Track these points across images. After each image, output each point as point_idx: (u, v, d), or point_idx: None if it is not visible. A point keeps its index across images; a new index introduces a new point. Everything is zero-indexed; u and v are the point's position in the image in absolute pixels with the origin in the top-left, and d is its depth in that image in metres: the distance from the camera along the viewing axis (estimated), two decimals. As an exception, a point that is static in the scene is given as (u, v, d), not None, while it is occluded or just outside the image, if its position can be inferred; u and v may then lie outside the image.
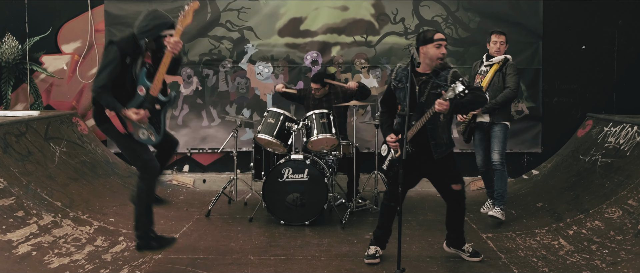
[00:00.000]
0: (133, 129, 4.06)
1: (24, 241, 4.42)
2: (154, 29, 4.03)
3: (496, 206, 5.58)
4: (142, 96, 4.01)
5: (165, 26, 4.08)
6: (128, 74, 3.97)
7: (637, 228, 4.58)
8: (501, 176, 5.58)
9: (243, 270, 4.29)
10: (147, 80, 3.99)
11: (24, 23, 7.37)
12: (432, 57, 4.18)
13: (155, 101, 4.05)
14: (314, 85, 6.30)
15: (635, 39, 7.26)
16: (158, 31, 4.04)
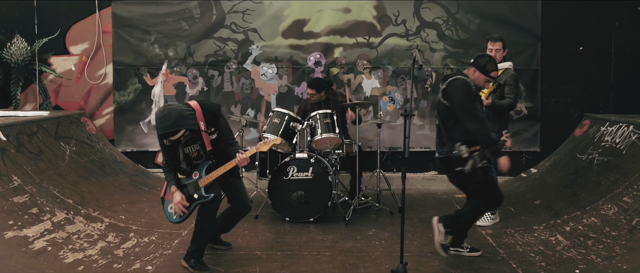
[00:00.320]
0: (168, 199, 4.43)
1: (39, 237, 4.58)
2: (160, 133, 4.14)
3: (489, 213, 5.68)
4: (193, 179, 4.33)
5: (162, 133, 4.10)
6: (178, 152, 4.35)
7: (631, 224, 4.73)
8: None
9: (251, 265, 4.45)
10: (205, 172, 4.31)
11: (33, 25, 7.53)
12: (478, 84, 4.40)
13: (198, 190, 4.31)
14: (310, 90, 6.42)
15: (632, 40, 7.42)
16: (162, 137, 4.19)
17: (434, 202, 6.70)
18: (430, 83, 7.45)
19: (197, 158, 4.38)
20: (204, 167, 4.34)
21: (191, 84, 7.54)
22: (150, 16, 7.47)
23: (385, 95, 7.51)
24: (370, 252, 4.79)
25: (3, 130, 5.41)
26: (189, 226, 5.51)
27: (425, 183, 7.55)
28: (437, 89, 7.29)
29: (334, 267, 4.42)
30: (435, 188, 7.48)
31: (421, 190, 7.34)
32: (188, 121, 4.09)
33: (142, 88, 7.54)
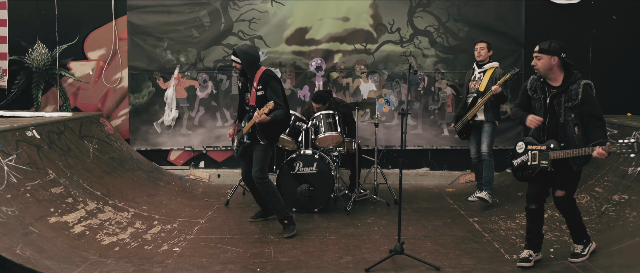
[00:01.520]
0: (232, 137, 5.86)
1: (77, 222, 5.16)
2: None
3: (484, 190, 6.42)
4: (242, 126, 5.59)
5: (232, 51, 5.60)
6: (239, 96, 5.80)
7: (601, 210, 5.37)
8: (489, 166, 6.52)
9: (266, 247, 5.04)
10: (246, 121, 5.55)
11: (54, 32, 8.08)
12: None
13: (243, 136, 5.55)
14: (316, 105, 6.97)
15: (608, 46, 8.07)
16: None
17: (426, 195, 7.31)
18: (423, 86, 8.06)
19: (247, 104, 5.54)
20: (247, 118, 5.51)
21: (201, 88, 8.12)
22: (163, 24, 8.04)
23: (381, 97, 8.11)
24: (370, 236, 5.40)
25: (37, 129, 5.98)
26: (206, 216, 6.10)
27: (418, 179, 8.16)
28: (429, 91, 7.96)
29: (339, 248, 5.02)
30: (427, 183, 8.08)
31: (414, 185, 7.95)
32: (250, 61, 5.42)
33: (156, 91, 8.11)
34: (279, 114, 5.31)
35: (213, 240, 5.21)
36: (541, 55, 4.42)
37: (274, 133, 5.50)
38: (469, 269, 4.47)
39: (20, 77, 8.13)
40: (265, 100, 5.34)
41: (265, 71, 5.46)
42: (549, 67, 4.43)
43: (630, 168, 5.62)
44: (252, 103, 5.44)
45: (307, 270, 4.43)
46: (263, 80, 5.39)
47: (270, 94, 5.35)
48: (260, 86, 5.40)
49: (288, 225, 5.43)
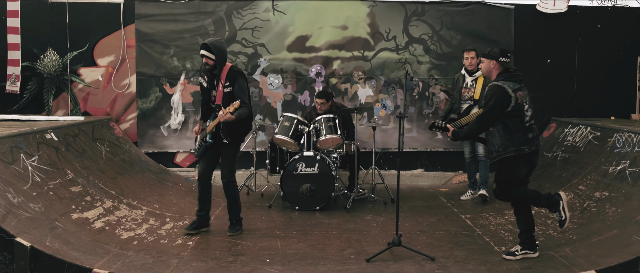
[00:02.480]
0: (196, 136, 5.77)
1: (97, 219, 5.53)
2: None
3: (482, 188, 6.86)
4: (206, 125, 5.55)
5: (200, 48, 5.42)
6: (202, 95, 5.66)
7: (583, 206, 5.79)
8: (485, 166, 7.08)
9: (273, 240, 5.42)
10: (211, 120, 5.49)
11: (65, 39, 8.44)
12: None
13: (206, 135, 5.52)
14: (320, 99, 7.38)
15: (592, 53, 8.52)
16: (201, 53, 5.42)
17: (421, 195, 7.71)
18: (418, 92, 8.47)
19: (213, 102, 5.45)
20: (212, 117, 5.45)
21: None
22: (169, 32, 8.42)
23: (378, 102, 8.51)
24: (369, 231, 5.80)
25: (54, 132, 6.34)
26: (214, 214, 6.47)
27: (413, 179, 8.56)
28: (424, 96, 8.37)
29: (341, 241, 5.41)
30: (422, 183, 8.49)
31: (410, 185, 8.35)
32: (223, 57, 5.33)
33: (163, 96, 8.48)
34: (243, 113, 5.27)
35: (223, 235, 5.59)
36: (483, 59, 4.93)
37: (239, 132, 5.49)
38: (461, 259, 4.87)
39: (32, 82, 8.48)
40: (232, 97, 5.31)
41: (231, 67, 5.45)
42: (488, 70, 4.90)
43: (611, 168, 6.04)
44: (219, 101, 5.36)
45: (313, 260, 4.82)
46: (231, 76, 5.35)
47: (238, 91, 5.32)
48: (227, 82, 5.33)
49: (236, 225, 5.68)
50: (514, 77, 4.79)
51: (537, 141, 4.83)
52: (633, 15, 8.52)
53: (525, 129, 4.74)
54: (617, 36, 8.54)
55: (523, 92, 4.78)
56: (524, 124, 4.75)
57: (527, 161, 4.82)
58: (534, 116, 4.87)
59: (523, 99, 4.75)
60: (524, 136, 4.73)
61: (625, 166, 5.84)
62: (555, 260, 4.74)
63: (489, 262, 4.79)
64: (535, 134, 4.82)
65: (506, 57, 4.84)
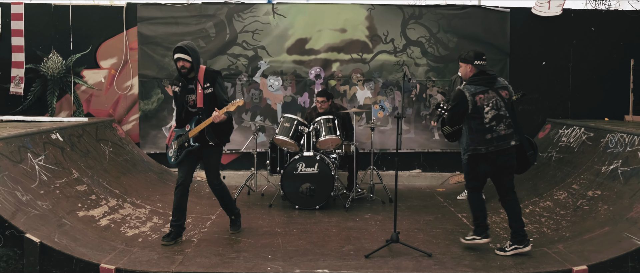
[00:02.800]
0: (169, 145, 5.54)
1: (102, 217, 5.67)
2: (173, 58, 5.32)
3: None
4: (186, 131, 5.36)
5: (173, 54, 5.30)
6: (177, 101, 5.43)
7: (576, 204, 5.95)
8: None
9: (274, 238, 5.56)
10: (194, 125, 5.31)
11: (69, 42, 8.58)
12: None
13: (188, 140, 5.34)
14: (321, 98, 7.53)
15: (586, 55, 8.68)
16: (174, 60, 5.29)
17: (418, 194, 7.85)
18: (415, 93, 8.62)
19: (193, 106, 5.30)
20: (193, 121, 5.31)
21: (207, 94, 8.63)
22: (171, 35, 8.56)
23: (376, 104, 8.66)
24: (368, 229, 5.94)
25: (60, 132, 6.48)
26: (216, 212, 6.61)
27: (410, 180, 8.71)
28: (421, 98, 8.52)
29: (340, 238, 5.55)
30: (419, 183, 8.64)
31: (407, 185, 8.50)
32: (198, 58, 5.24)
33: (164, 98, 8.61)
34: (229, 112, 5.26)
35: (225, 233, 5.73)
36: (460, 63, 5.21)
37: (225, 132, 5.45)
38: (457, 255, 5.02)
39: (36, 84, 8.62)
40: (214, 98, 5.27)
41: (206, 68, 5.36)
42: (465, 73, 5.18)
43: (603, 167, 6.20)
44: (200, 104, 5.26)
45: (313, 256, 4.96)
46: (209, 77, 5.29)
47: (219, 91, 5.31)
48: (207, 83, 5.25)
49: (236, 221, 5.80)
50: (481, 81, 5.03)
51: (498, 142, 4.96)
52: (626, 18, 8.69)
53: (484, 130, 4.96)
54: (611, 38, 8.70)
55: (487, 95, 4.98)
56: (483, 126, 4.96)
57: (488, 161, 5.02)
58: (498, 118, 4.98)
59: (483, 102, 4.96)
60: (482, 136, 4.96)
61: (617, 165, 5.99)
62: (548, 256, 4.89)
63: (484, 258, 4.94)
64: (495, 136, 4.96)
65: (481, 60, 5.09)
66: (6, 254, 4.54)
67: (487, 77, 5.04)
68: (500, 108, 5.00)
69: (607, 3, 8.76)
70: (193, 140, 5.31)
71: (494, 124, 4.97)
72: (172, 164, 5.51)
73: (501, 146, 4.97)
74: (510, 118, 5.03)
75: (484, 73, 5.06)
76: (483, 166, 5.04)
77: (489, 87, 5.01)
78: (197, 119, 5.30)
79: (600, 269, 4.56)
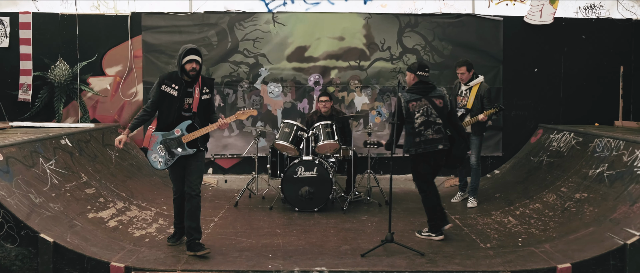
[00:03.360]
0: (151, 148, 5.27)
1: (111, 218, 5.94)
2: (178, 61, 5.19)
3: (471, 197, 7.21)
4: (176, 136, 5.16)
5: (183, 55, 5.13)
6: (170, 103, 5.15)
7: (564, 206, 6.21)
8: (476, 173, 7.34)
9: (275, 238, 5.83)
10: (187, 130, 5.16)
11: (75, 50, 8.86)
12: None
13: (181, 145, 5.16)
14: (324, 97, 7.80)
15: (577, 63, 8.95)
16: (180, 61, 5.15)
17: (413, 197, 8.05)
18: (411, 99, 8.88)
19: (188, 110, 5.15)
20: (184, 126, 5.12)
21: (210, 101, 8.90)
22: (175, 43, 8.83)
23: (373, 109, 8.93)
24: (365, 230, 6.21)
25: (69, 137, 6.75)
26: (219, 215, 6.87)
27: (406, 183, 8.95)
28: (417, 104, 8.76)
29: (338, 239, 5.82)
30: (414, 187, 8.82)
31: (403, 189, 8.75)
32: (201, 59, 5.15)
33: (168, 104, 8.87)
34: None
35: (228, 234, 5.99)
36: (407, 71, 5.90)
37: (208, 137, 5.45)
38: (448, 254, 5.28)
39: (43, 91, 8.90)
40: (209, 104, 5.27)
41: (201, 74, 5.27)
42: (409, 81, 5.90)
43: (590, 171, 6.47)
44: (195, 109, 5.20)
45: (312, 255, 5.23)
46: (208, 83, 5.25)
47: (213, 98, 5.33)
48: (206, 89, 5.23)
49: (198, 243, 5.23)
50: (417, 90, 5.73)
51: (425, 145, 5.66)
52: (616, 26, 8.96)
53: (414, 134, 5.69)
54: (601, 46, 8.97)
55: (419, 102, 5.69)
56: (414, 130, 5.69)
57: (424, 161, 5.74)
58: (427, 124, 5.66)
59: (415, 109, 5.68)
60: (412, 139, 5.71)
61: (603, 169, 6.26)
62: (535, 255, 5.15)
63: (474, 256, 5.20)
64: (423, 139, 5.66)
65: (423, 71, 5.79)
66: (22, 253, 4.80)
67: (423, 87, 5.75)
68: (431, 115, 5.68)
69: (597, 12, 9.02)
70: (186, 146, 5.16)
71: (423, 129, 5.67)
72: (160, 169, 5.29)
73: (428, 149, 5.65)
74: (440, 125, 5.69)
75: (422, 83, 5.76)
76: (423, 165, 5.77)
77: (423, 96, 5.70)
78: (190, 124, 5.17)
79: (584, 267, 4.82)
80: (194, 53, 5.13)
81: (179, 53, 5.19)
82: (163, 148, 5.21)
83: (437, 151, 5.67)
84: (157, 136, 5.24)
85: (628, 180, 5.71)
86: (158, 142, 5.23)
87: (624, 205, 5.43)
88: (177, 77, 5.19)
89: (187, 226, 5.22)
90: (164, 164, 5.25)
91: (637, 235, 4.85)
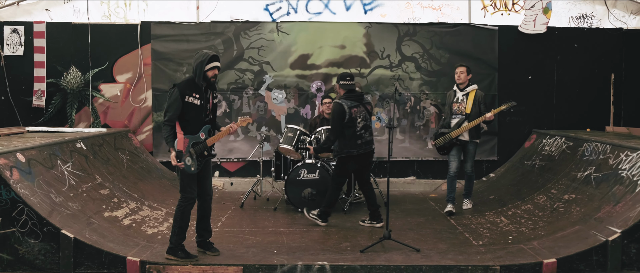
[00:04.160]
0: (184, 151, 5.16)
1: (124, 217, 6.29)
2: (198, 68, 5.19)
3: (466, 199, 7.48)
4: (202, 139, 5.22)
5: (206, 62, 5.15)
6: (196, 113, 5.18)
7: (553, 207, 6.55)
8: (470, 179, 7.53)
9: (279, 236, 6.18)
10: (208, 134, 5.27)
11: (87, 58, 9.24)
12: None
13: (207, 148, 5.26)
14: (327, 100, 8.14)
15: (570, 70, 9.31)
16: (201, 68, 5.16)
17: (412, 200, 8.46)
18: (410, 105, 9.25)
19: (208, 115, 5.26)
20: (206, 130, 5.23)
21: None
22: (182, 51, 9.21)
23: (373, 115, 9.29)
24: (364, 229, 6.57)
25: (83, 141, 7.11)
26: (226, 215, 7.22)
27: (405, 186, 9.32)
28: (416, 110, 9.14)
29: (339, 237, 6.17)
30: (414, 189, 9.25)
31: (402, 191, 9.11)
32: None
33: (176, 110, 9.23)
34: None
35: (235, 232, 6.35)
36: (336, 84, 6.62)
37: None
38: (442, 251, 5.62)
39: (56, 97, 9.27)
40: (216, 109, 5.47)
41: None
42: (337, 90, 6.66)
43: (579, 173, 6.81)
44: (211, 114, 5.38)
45: (314, 251, 5.57)
46: (214, 88, 5.39)
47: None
48: (215, 93, 5.40)
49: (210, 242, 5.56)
50: (353, 97, 6.45)
51: (365, 146, 6.48)
52: (607, 36, 9.32)
53: (356, 137, 6.39)
54: (593, 54, 9.34)
55: (358, 109, 6.43)
56: (355, 133, 6.39)
57: (356, 161, 6.50)
58: (366, 128, 6.48)
59: (357, 115, 6.39)
60: (354, 142, 6.39)
61: (591, 172, 6.61)
62: (523, 251, 5.49)
63: (467, 252, 5.54)
64: (363, 141, 6.45)
65: (345, 80, 6.51)
66: (44, 248, 5.16)
67: (357, 94, 6.53)
68: (367, 120, 6.53)
69: (589, 22, 9.38)
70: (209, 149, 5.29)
71: (363, 132, 6.46)
72: (194, 172, 5.22)
73: (366, 149, 6.50)
74: (371, 128, 6.59)
75: (354, 91, 6.53)
76: (352, 165, 6.53)
77: (360, 103, 6.49)
78: (209, 129, 5.30)
79: (568, 262, 5.16)
80: (217, 60, 5.23)
81: (200, 60, 5.17)
82: (193, 152, 5.18)
83: (370, 152, 6.60)
84: (188, 139, 5.19)
85: (613, 181, 6.06)
86: (189, 146, 5.18)
87: (608, 205, 5.77)
88: (194, 84, 5.19)
89: (203, 227, 5.50)
90: (196, 168, 5.21)
91: (619, 232, 5.19)
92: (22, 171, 5.45)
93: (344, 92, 6.52)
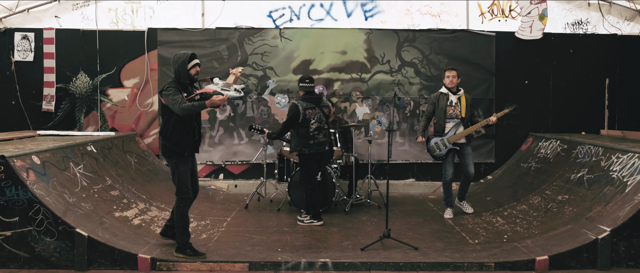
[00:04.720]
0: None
1: (134, 217, 6.54)
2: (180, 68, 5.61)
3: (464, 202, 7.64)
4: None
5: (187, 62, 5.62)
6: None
7: (547, 207, 6.79)
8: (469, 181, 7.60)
9: (283, 235, 6.42)
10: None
11: (96, 63, 9.50)
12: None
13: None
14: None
15: (566, 75, 9.55)
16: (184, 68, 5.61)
17: (412, 201, 8.69)
18: (409, 110, 9.49)
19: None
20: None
21: (221, 111, 9.52)
22: (188, 57, 9.45)
23: (374, 119, 9.53)
24: (365, 228, 6.80)
25: (93, 144, 7.36)
26: (231, 215, 7.46)
27: (405, 188, 9.56)
28: (415, 114, 9.38)
29: (340, 236, 6.41)
30: (413, 191, 9.48)
31: (402, 193, 9.34)
32: None
33: (182, 114, 9.49)
34: None
35: (240, 232, 6.59)
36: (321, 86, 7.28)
37: None
38: (440, 249, 5.86)
39: (65, 102, 9.53)
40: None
41: None
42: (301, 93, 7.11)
43: (572, 175, 7.05)
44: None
45: (317, 249, 5.82)
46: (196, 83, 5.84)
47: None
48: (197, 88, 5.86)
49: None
50: (311, 99, 6.99)
51: (318, 146, 6.95)
52: (602, 41, 9.55)
53: (308, 137, 6.91)
54: (588, 59, 9.58)
55: (314, 110, 6.95)
56: (308, 133, 6.90)
57: (313, 159, 6.99)
58: (319, 129, 6.96)
59: (311, 116, 6.92)
60: (307, 141, 6.90)
61: (583, 173, 6.85)
62: (517, 249, 5.72)
63: (463, 250, 5.78)
64: (316, 142, 6.95)
65: (304, 83, 7.06)
66: (59, 246, 5.40)
67: (314, 97, 7.05)
68: (322, 122, 7.02)
69: (584, 28, 9.62)
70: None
71: (316, 133, 6.95)
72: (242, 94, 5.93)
73: (319, 149, 6.97)
74: (326, 130, 7.08)
75: (312, 94, 7.05)
76: (312, 163, 6.99)
77: (316, 105, 6.99)
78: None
79: (559, 259, 5.39)
80: (196, 57, 5.70)
81: (181, 60, 5.56)
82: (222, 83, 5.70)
83: (324, 152, 7.05)
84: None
85: (604, 182, 6.30)
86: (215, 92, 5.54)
87: (599, 205, 6.01)
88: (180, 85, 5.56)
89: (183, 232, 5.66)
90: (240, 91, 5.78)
91: (608, 230, 5.42)
92: (38, 173, 5.70)
93: (303, 94, 7.05)
